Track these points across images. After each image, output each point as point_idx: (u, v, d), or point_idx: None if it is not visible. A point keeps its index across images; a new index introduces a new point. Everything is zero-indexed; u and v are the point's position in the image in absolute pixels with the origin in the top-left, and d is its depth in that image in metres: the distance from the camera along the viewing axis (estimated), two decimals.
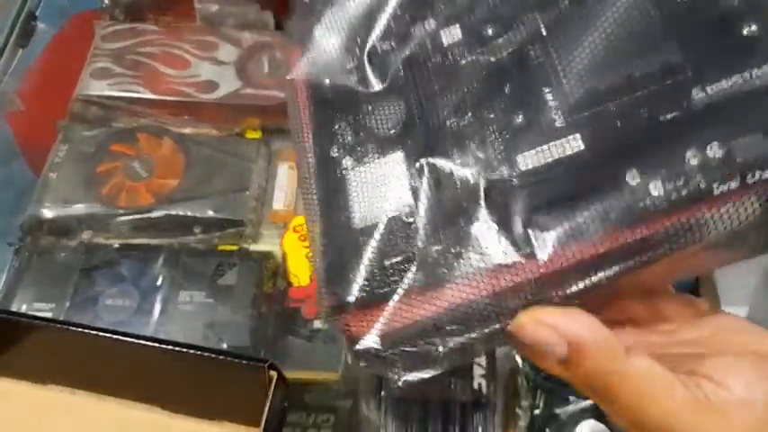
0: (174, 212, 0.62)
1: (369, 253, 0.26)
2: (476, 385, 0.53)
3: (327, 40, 0.31)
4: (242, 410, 0.44)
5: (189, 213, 0.62)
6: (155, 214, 0.62)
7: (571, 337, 0.24)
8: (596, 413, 0.53)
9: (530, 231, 0.25)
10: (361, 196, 0.27)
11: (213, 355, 0.42)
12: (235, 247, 0.62)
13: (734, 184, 0.23)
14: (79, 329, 0.44)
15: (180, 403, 0.45)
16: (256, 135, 0.68)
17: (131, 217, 0.62)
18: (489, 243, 0.25)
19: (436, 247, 0.26)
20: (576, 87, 0.26)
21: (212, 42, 0.73)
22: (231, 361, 0.42)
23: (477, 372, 0.54)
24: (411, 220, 0.26)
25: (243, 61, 0.71)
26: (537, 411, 0.54)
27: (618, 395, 0.25)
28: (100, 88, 0.69)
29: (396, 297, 0.26)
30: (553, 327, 0.25)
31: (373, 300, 0.26)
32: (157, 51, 0.72)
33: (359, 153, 0.28)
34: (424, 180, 0.26)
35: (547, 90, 0.26)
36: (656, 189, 0.24)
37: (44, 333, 0.45)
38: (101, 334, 0.43)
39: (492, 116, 0.26)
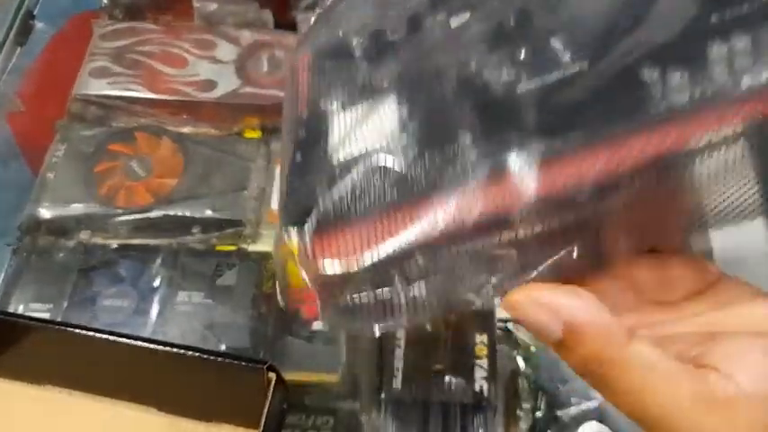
0: (172, 212, 0.62)
1: (343, 176, 0.24)
2: (477, 387, 0.53)
3: (335, 26, 0.30)
4: (241, 412, 0.44)
5: (188, 213, 0.62)
6: (153, 214, 0.62)
7: (567, 319, 0.23)
8: (598, 415, 0.53)
9: (529, 146, 0.22)
10: (344, 133, 0.25)
11: (211, 357, 0.42)
12: (234, 248, 0.62)
13: (765, 76, 0.20)
14: (76, 330, 0.44)
15: (178, 405, 0.45)
16: (255, 134, 0.68)
17: (130, 217, 0.62)
18: (484, 159, 0.23)
19: (420, 167, 0.24)
20: (583, 31, 0.23)
21: (211, 41, 0.72)
22: (230, 362, 0.42)
23: (479, 374, 0.54)
24: (395, 146, 0.24)
25: (242, 60, 0.71)
26: (538, 414, 0.54)
27: (615, 384, 0.23)
28: (98, 87, 0.69)
29: (369, 215, 0.24)
30: (549, 307, 0.23)
31: (342, 218, 0.24)
32: (156, 50, 0.72)
33: (349, 101, 0.26)
34: (416, 103, 0.24)
35: (553, 38, 0.24)
36: (675, 86, 0.21)
37: (41, 334, 0.45)
38: (98, 335, 0.43)
39: (495, 58, 0.24)
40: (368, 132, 0.25)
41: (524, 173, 0.22)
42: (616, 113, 0.22)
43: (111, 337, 0.43)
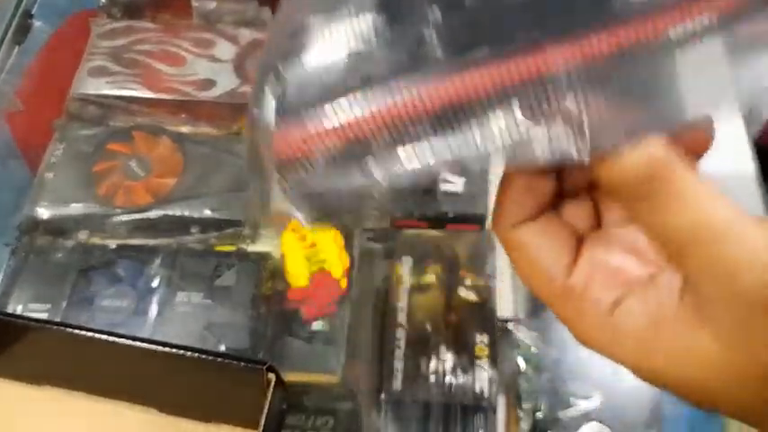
0: (171, 212, 0.62)
1: (312, 64, 0.25)
2: (477, 388, 0.53)
3: None
4: (240, 413, 0.44)
5: (186, 213, 0.62)
6: (152, 214, 0.62)
7: None
8: (599, 416, 0.53)
9: (491, 42, 0.23)
10: (320, 40, 0.26)
11: (211, 357, 0.42)
12: (233, 248, 0.62)
13: None
14: (76, 331, 0.44)
15: (177, 405, 0.45)
16: None
17: (128, 217, 0.62)
18: (448, 55, 0.24)
19: (388, 64, 0.24)
20: None
21: (210, 40, 0.72)
22: (229, 363, 0.42)
23: (479, 374, 0.54)
24: (366, 47, 0.25)
25: (240, 59, 0.71)
26: (539, 414, 0.54)
27: (667, 199, 0.23)
28: (97, 87, 0.69)
29: (333, 101, 0.25)
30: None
31: (305, 99, 0.25)
32: (154, 49, 0.71)
33: (332, 17, 0.27)
34: (390, 9, 0.25)
35: None
36: None
37: (40, 334, 0.45)
38: (97, 336, 0.43)
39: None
40: (342, 36, 0.26)
41: (487, 66, 0.23)
42: (579, 11, 0.23)
43: (111, 338, 0.43)
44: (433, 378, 0.54)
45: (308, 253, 0.59)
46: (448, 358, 0.54)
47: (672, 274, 0.25)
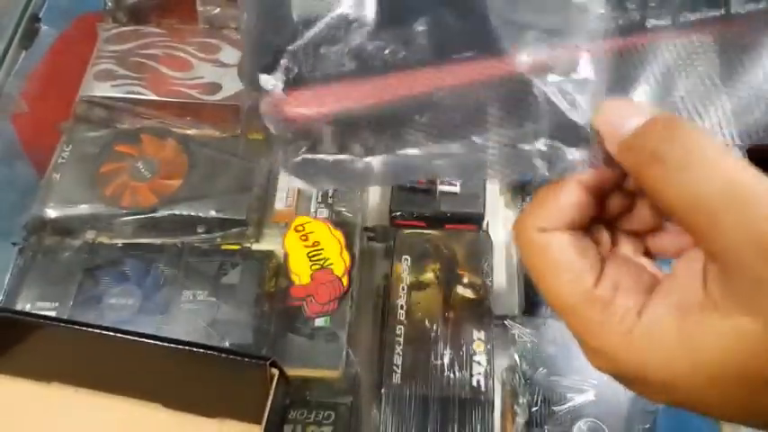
0: (177, 212, 0.63)
1: (305, 39, 0.26)
2: (474, 382, 0.53)
3: None
4: (244, 408, 0.44)
5: (192, 213, 0.63)
6: (158, 214, 0.63)
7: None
8: (594, 411, 0.53)
9: (475, 36, 0.25)
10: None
11: (215, 353, 0.42)
12: (237, 247, 0.62)
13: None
14: (83, 328, 0.44)
15: (182, 400, 0.45)
16: (259, 136, 0.68)
17: (135, 217, 0.62)
18: (433, 46, 0.25)
19: (379, 43, 0.25)
20: None
21: (215, 45, 0.73)
22: (233, 359, 0.42)
23: (476, 369, 0.54)
24: (355, 15, 0.26)
25: None
26: (535, 409, 0.54)
27: (684, 159, 0.22)
28: (103, 90, 0.69)
29: (329, 81, 0.26)
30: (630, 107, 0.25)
31: (304, 80, 0.26)
32: (160, 53, 0.72)
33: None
34: None
35: None
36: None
37: (48, 332, 0.45)
38: (104, 332, 0.43)
39: None
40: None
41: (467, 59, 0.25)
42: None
43: (118, 335, 0.43)
44: (431, 373, 0.54)
45: (311, 252, 0.59)
46: (446, 354, 0.55)
47: (689, 261, 0.24)
